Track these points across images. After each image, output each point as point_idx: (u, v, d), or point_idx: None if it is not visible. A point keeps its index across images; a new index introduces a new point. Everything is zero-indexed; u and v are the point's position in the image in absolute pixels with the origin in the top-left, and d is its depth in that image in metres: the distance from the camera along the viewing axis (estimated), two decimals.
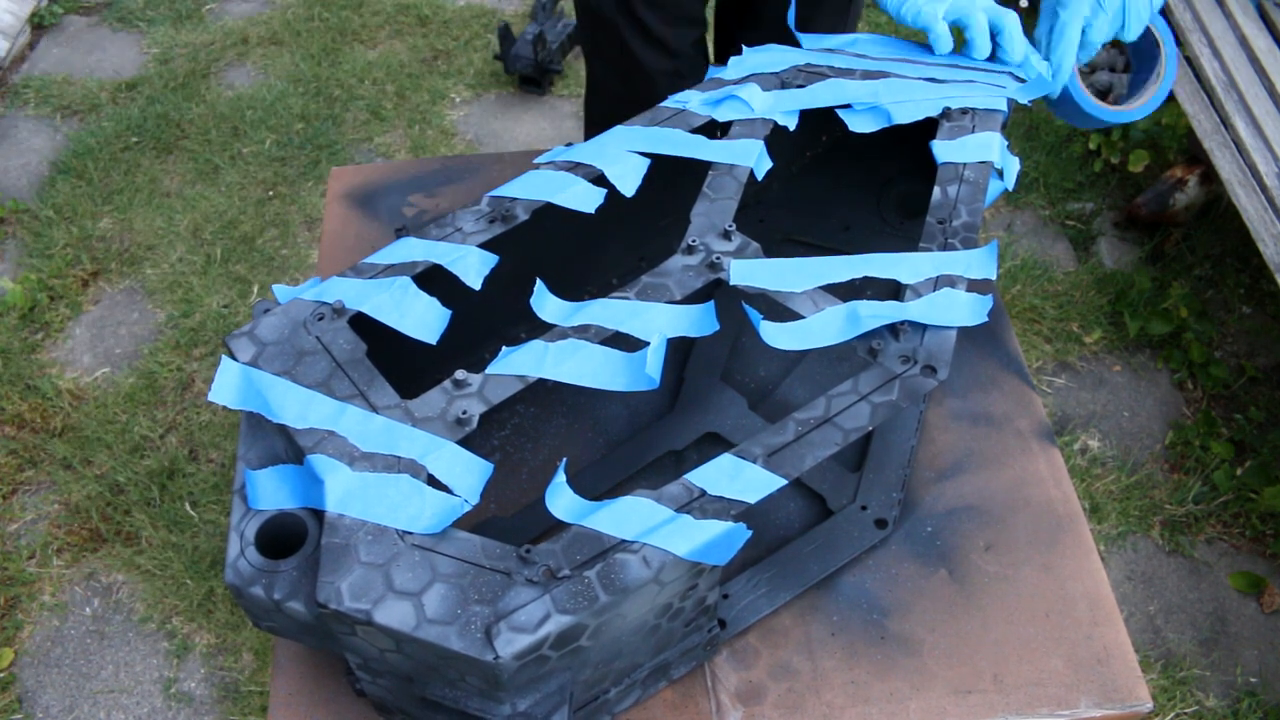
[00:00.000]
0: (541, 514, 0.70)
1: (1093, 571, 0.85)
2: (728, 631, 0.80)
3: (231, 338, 0.77)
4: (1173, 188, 2.38)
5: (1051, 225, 2.54)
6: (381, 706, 0.76)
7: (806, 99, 0.93)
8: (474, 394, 0.72)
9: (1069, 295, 2.35)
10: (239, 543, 0.67)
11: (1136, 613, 1.89)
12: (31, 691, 1.74)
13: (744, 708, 0.78)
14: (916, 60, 1.00)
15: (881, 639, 0.82)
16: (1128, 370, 2.26)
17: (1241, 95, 2.05)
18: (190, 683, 1.75)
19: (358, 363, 0.74)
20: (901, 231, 1.08)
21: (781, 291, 0.80)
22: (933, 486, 0.91)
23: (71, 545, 1.90)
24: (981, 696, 0.78)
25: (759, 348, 0.99)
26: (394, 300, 0.78)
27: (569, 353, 0.74)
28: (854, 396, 0.74)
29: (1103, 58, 1.09)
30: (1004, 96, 0.95)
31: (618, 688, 0.74)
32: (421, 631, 0.61)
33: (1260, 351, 2.28)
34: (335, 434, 0.70)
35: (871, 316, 0.77)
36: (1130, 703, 0.78)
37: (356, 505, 0.67)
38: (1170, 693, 1.77)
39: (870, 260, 0.82)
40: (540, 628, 0.61)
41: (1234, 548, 1.98)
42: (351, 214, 1.08)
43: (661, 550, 0.65)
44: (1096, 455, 2.10)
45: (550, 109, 2.77)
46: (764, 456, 0.70)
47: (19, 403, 2.06)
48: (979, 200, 0.87)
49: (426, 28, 2.98)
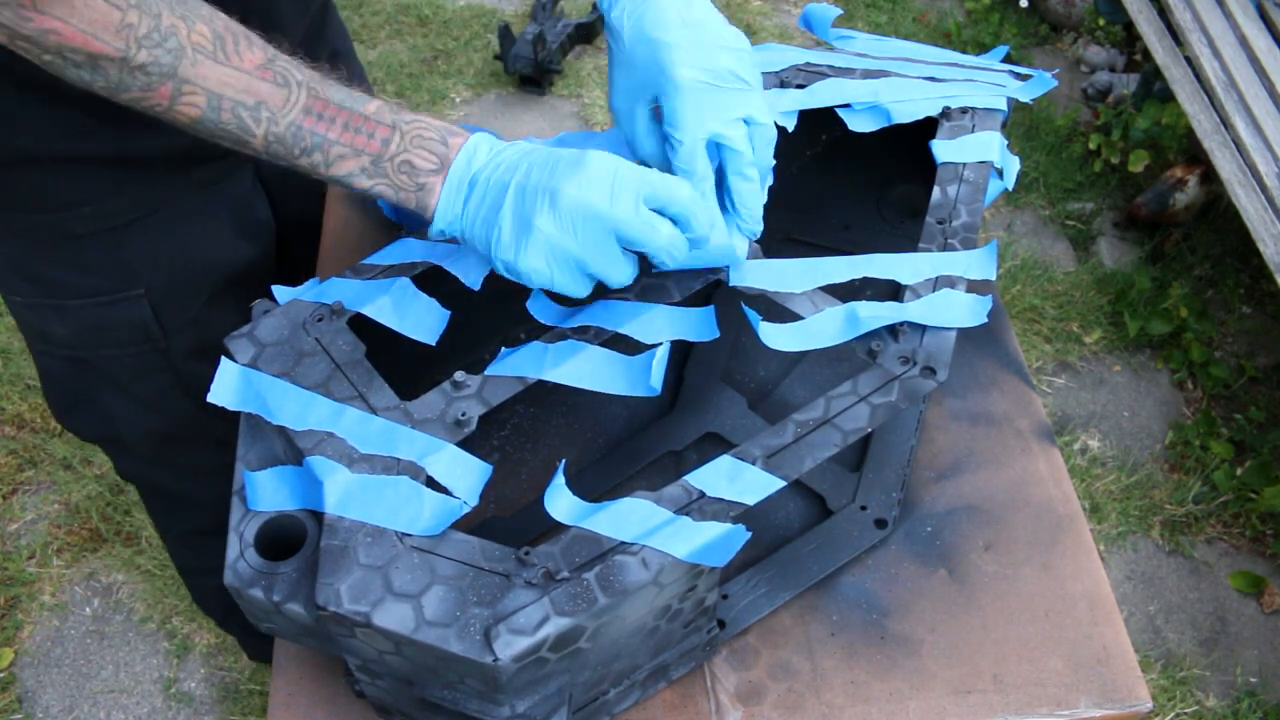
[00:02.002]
0: (541, 515, 0.70)
1: (1093, 571, 0.85)
2: (727, 632, 0.80)
3: (230, 339, 0.77)
4: (1173, 188, 2.38)
5: (1051, 225, 2.54)
6: (381, 708, 0.76)
7: (806, 99, 0.93)
8: (473, 395, 0.72)
9: (1069, 295, 2.35)
10: (238, 544, 0.67)
11: (1136, 613, 1.89)
12: (31, 691, 1.74)
13: (743, 708, 0.78)
14: (916, 60, 1.00)
15: (881, 639, 0.81)
16: (1128, 370, 2.26)
17: (1241, 95, 2.05)
18: (190, 683, 1.75)
19: (357, 364, 0.74)
20: (901, 231, 1.08)
21: (781, 292, 0.80)
22: (932, 486, 0.91)
23: (71, 545, 1.90)
24: (981, 696, 0.78)
25: (759, 348, 0.99)
26: (393, 301, 0.78)
27: (569, 354, 0.74)
28: (853, 398, 0.74)
29: (1103, 58, 1.09)
30: (1004, 96, 0.95)
31: (617, 689, 0.74)
32: (420, 634, 0.61)
33: (1260, 351, 2.28)
34: (334, 435, 0.70)
35: (871, 317, 0.77)
36: (1130, 703, 0.78)
37: (355, 507, 0.67)
38: (1170, 693, 1.77)
39: (870, 261, 0.82)
40: (539, 630, 0.61)
41: (1234, 548, 1.98)
42: (352, 215, 1.08)
43: (660, 552, 0.65)
44: (1096, 455, 2.10)
45: (550, 109, 2.77)
46: (763, 458, 0.70)
47: (19, 403, 2.06)
48: (979, 200, 0.87)
49: (426, 28, 2.98)
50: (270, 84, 0.68)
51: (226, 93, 0.67)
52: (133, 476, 1.20)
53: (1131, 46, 2.87)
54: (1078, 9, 2.93)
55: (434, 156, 0.71)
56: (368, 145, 0.70)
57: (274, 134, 0.69)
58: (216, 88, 0.67)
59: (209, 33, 0.66)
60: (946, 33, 2.99)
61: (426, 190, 0.71)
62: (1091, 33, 2.94)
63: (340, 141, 0.70)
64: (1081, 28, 2.97)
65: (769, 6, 3.10)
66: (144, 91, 0.66)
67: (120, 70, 0.64)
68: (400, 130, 0.70)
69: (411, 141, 0.70)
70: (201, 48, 0.66)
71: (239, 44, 0.67)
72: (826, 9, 1.03)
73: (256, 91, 0.67)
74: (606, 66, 0.82)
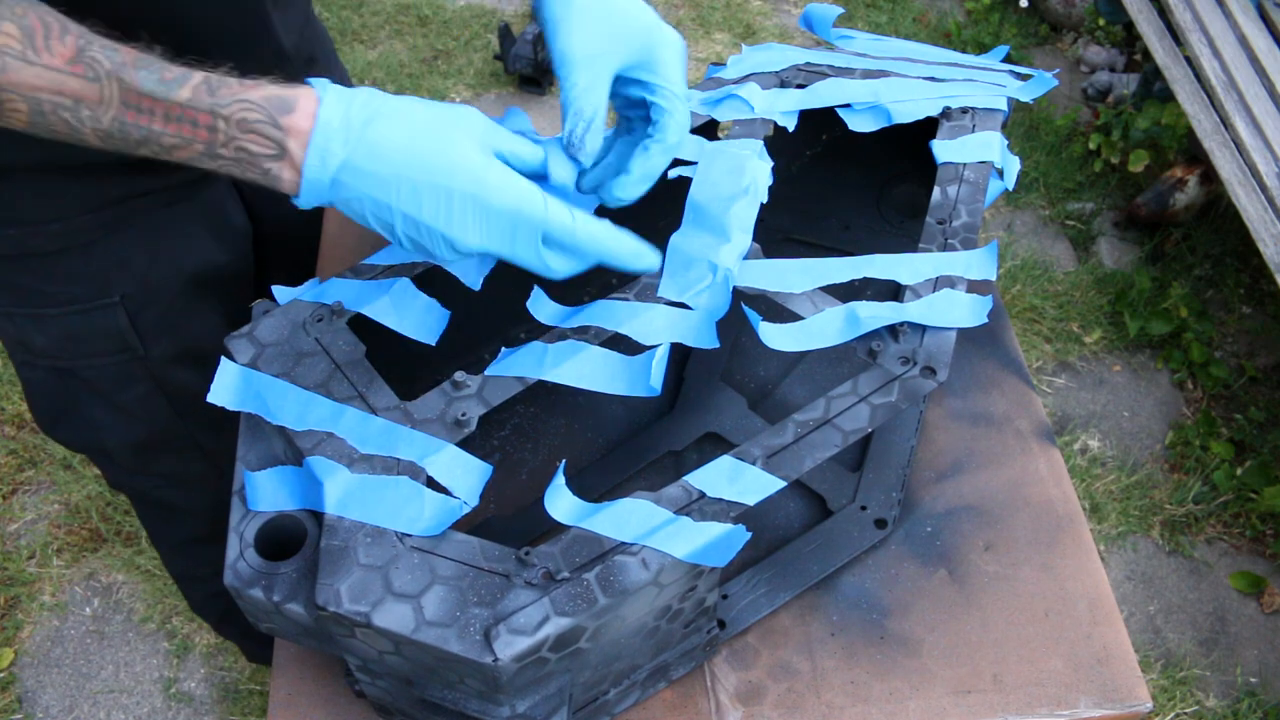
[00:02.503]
0: (541, 515, 0.70)
1: (1093, 571, 0.85)
2: (727, 632, 0.80)
3: (230, 339, 0.77)
4: (1173, 188, 2.38)
5: (1051, 225, 2.54)
6: (381, 708, 0.76)
7: (806, 98, 0.93)
8: (473, 395, 0.72)
9: (1069, 295, 2.35)
10: (238, 544, 0.67)
11: (1136, 613, 1.89)
12: (31, 691, 1.74)
13: (743, 708, 0.78)
14: (916, 60, 1.00)
15: (881, 639, 0.81)
16: (1128, 370, 2.26)
17: (1241, 95, 2.05)
18: (190, 683, 1.75)
19: (357, 364, 0.74)
20: (901, 231, 1.08)
21: (781, 292, 0.80)
22: (932, 486, 0.91)
23: (71, 545, 1.90)
24: (981, 696, 0.78)
25: (759, 348, 0.99)
26: (393, 302, 0.78)
27: (568, 354, 0.74)
28: (853, 398, 0.74)
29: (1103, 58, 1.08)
30: (1004, 96, 0.95)
31: (617, 689, 0.74)
32: (420, 634, 0.61)
33: (1260, 351, 2.28)
34: (334, 436, 0.70)
35: (871, 318, 0.77)
36: (1130, 703, 0.78)
37: (355, 507, 0.67)
38: (1170, 693, 1.77)
39: (870, 261, 0.82)
40: (539, 630, 0.61)
41: (1234, 548, 1.98)
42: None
43: (661, 552, 0.65)
44: (1096, 455, 2.10)
45: (550, 109, 2.77)
46: (763, 458, 0.70)
47: (19, 403, 2.06)
48: (979, 200, 0.87)
49: (426, 28, 2.98)
50: (81, 79, 0.63)
51: (43, 95, 0.62)
52: (122, 486, 1.19)
53: (1131, 46, 2.87)
54: (1078, 9, 2.93)
55: (268, 141, 0.65)
56: (196, 134, 0.65)
57: (101, 131, 0.64)
58: (31, 91, 0.62)
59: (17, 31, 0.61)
60: (946, 33, 2.99)
61: (272, 176, 0.66)
62: (1091, 33, 2.95)
63: (167, 132, 0.65)
64: (1081, 28, 2.97)
65: (769, 6, 3.10)
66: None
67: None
68: (221, 116, 0.65)
69: (238, 127, 0.65)
70: (9, 49, 0.61)
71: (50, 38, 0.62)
72: (827, 9, 1.03)
73: (70, 90, 0.62)
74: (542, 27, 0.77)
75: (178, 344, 1.01)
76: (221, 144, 0.65)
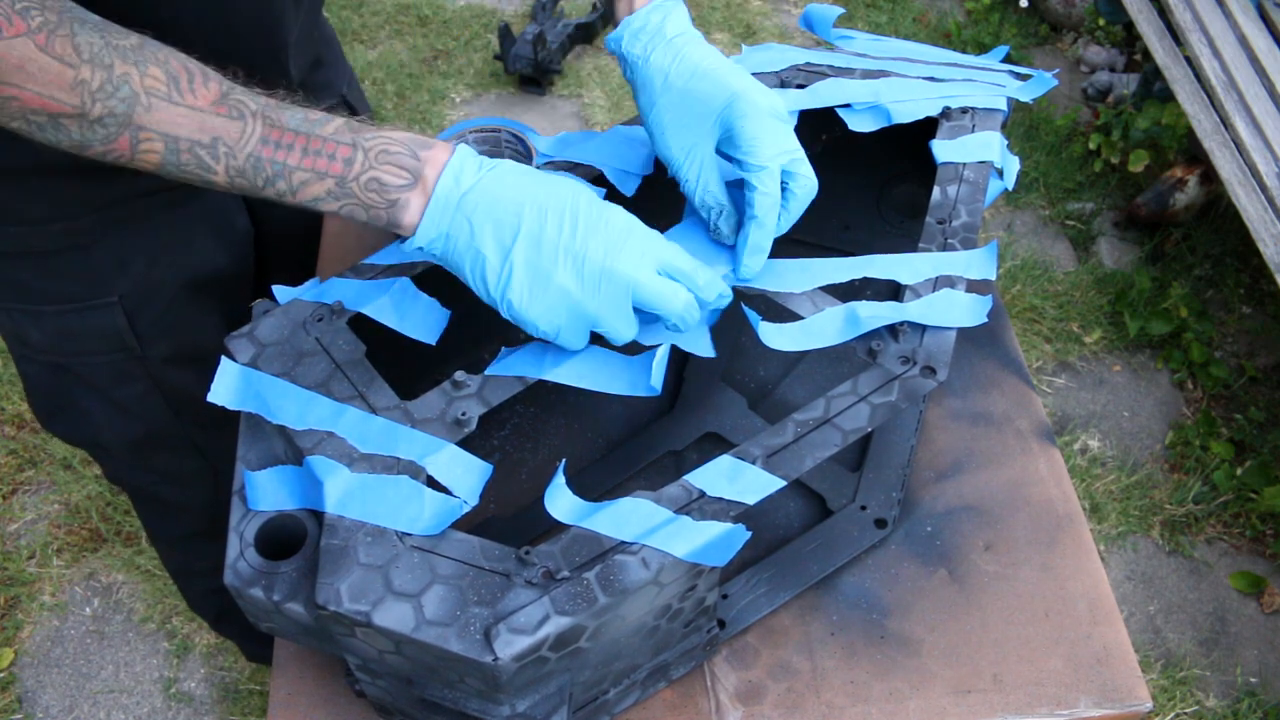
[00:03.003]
0: (541, 514, 0.70)
1: (1092, 571, 0.85)
2: (727, 631, 0.80)
3: (230, 338, 0.77)
4: (1173, 188, 2.38)
5: (1051, 225, 2.54)
6: (381, 707, 0.76)
7: (806, 99, 0.93)
8: (473, 395, 0.72)
9: (1069, 295, 2.35)
10: (238, 544, 0.67)
11: (1136, 613, 1.89)
12: (31, 691, 1.74)
13: (743, 707, 0.78)
14: (916, 60, 1.00)
15: (881, 639, 0.82)
16: (1128, 370, 2.26)
17: (1241, 95, 2.05)
18: (190, 683, 1.75)
19: (357, 364, 0.74)
20: (901, 231, 1.08)
21: (781, 292, 0.80)
22: (932, 486, 0.91)
23: (71, 545, 1.90)
24: (981, 696, 0.78)
25: (759, 348, 0.99)
26: (394, 301, 0.78)
27: (569, 354, 0.74)
28: (853, 397, 0.74)
29: (1103, 58, 1.08)
30: (1004, 96, 0.95)
31: (617, 688, 0.74)
32: (420, 633, 0.61)
33: (1260, 351, 2.28)
34: (334, 435, 0.70)
35: (871, 317, 0.77)
36: (1130, 703, 0.78)
37: (356, 506, 0.67)
38: (1170, 693, 1.78)
39: (870, 261, 0.82)
40: (539, 629, 0.61)
41: (1234, 548, 1.98)
42: None
43: (661, 552, 0.65)
44: (1096, 455, 2.10)
45: (550, 109, 2.77)
46: (763, 458, 0.70)
47: (19, 403, 2.06)
48: (979, 200, 0.87)
49: (426, 28, 2.98)
50: (225, 118, 0.66)
51: (182, 133, 0.66)
52: (119, 480, 1.20)
53: (1131, 46, 2.87)
54: (1078, 9, 2.94)
55: (404, 171, 0.69)
56: (330, 167, 0.68)
57: (234, 168, 0.68)
58: (171, 129, 0.65)
59: (162, 74, 0.65)
60: (946, 33, 2.99)
61: (399, 206, 0.69)
62: (1091, 33, 2.95)
63: (301, 167, 0.68)
64: (1081, 28, 2.97)
65: (769, 6, 3.10)
66: (105, 145, 0.65)
67: (80, 126, 0.64)
68: (362, 148, 0.69)
69: (377, 158, 0.69)
70: (155, 90, 0.65)
71: (194, 81, 0.66)
72: (827, 9, 1.03)
73: (212, 128, 0.66)
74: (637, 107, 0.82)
75: (175, 344, 1.01)
76: (354, 176, 0.68)
